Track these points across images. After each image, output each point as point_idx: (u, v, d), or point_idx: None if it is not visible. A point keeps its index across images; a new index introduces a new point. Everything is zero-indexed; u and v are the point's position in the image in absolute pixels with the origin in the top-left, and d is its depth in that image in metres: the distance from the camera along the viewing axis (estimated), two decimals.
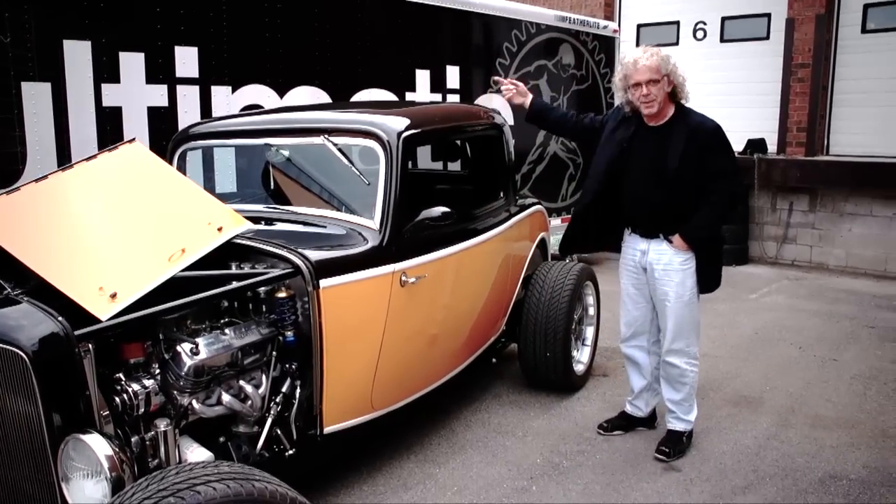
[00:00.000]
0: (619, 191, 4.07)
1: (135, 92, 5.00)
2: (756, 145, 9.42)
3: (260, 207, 4.08)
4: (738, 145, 9.16)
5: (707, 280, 4.06)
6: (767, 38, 9.82)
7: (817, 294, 7.90)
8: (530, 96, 4.45)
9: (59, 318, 2.49)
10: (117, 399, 2.72)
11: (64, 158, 4.59)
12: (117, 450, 2.46)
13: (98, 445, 2.42)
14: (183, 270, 2.94)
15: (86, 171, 3.36)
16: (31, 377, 2.41)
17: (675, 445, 4.15)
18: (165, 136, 4.84)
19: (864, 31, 9.13)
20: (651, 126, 3.94)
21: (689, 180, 3.86)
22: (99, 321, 2.60)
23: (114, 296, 2.68)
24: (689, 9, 10.45)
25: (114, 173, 3.38)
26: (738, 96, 9.96)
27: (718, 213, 3.97)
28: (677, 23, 10.61)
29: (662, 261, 4.01)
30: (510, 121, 7.51)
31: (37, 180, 3.29)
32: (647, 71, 3.80)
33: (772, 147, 9.61)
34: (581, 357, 5.16)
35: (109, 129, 4.87)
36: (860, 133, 9.24)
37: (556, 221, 8.30)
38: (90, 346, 2.56)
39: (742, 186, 4.19)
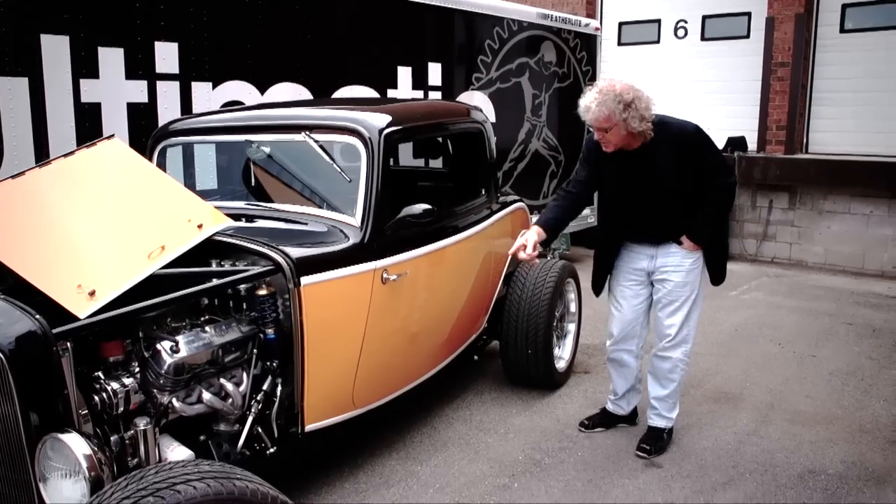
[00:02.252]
0: (618, 212, 4.04)
1: (114, 88, 4.95)
2: (736, 143, 9.48)
3: (241, 204, 4.06)
4: (718, 143, 9.25)
5: (718, 272, 4.09)
6: (748, 36, 9.88)
7: (796, 291, 7.97)
8: (536, 233, 3.99)
9: (37, 317, 2.46)
10: (96, 398, 2.70)
11: (42, 155, 4.54)
12: (96, 449, 2.44)
13: (76, 445, 2.39)
14: (163, 268, 2.92)
15: (64, 167, 3.32)
16: (8, 376, 2.38)
17: (656, 442, 4.17)
18: (145, 132, 4.80)
19: (842, 30, 9.21)
20: (630, 151, 3.83)
21: (685, 186, 3.85)
22: (77, 319, 2.58)
23: (92, 293, 2.66)
24: (671, 7, 10.50)
25: (92, 170, 3.34)
26: (718, 94, 10.02)
27: (721, 208, 3.99)
28: (658, 21, 10.65)
29: (673, 262, 3.98)
30: (492, 118, 7.53)
31: (13, 176, 3.25)
32: (597, 121, 3.70)
33: (752, 145, 9.68)
34: (563, 354, 5.17)
35: (88, 126, 4.82)
36: (839, 131, 9.33)
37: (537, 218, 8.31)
38: (68, 344, 2.53)
39: (735, 176, 4.14)
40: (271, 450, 3.28)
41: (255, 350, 3.25)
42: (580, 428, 4.44)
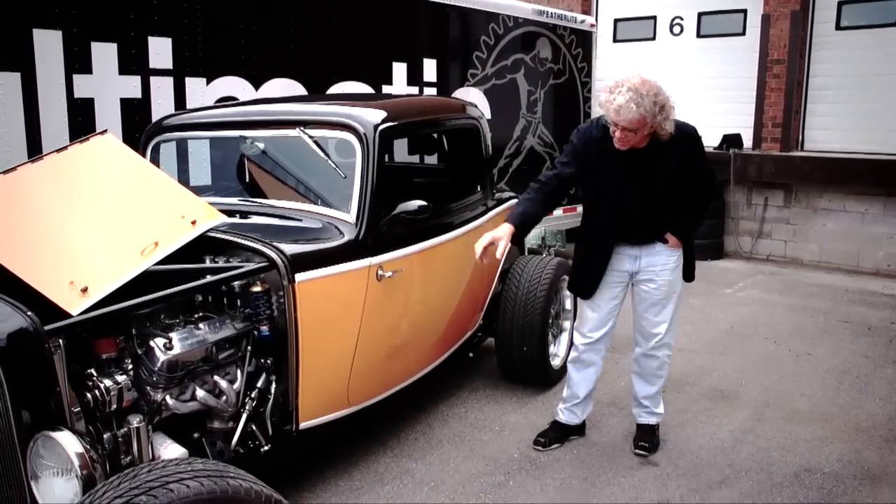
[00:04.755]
0: (610, 211, 3.89)
1: (107, 83, 4.91)
2: (731, 141, 9.47)
3: (235, 200, 4.04)
4: (713, 140, 9.27)
5: (690, 270, 4.03)
6: (743, 33, 9.87)
7: (792, 289, 7.97)
8: (505, 231, 3.72)
9: (29, 313, 2.44)
10: (89, 395, 2.68)
11: (34, 150, 4.50)
12: (88, 447, 2.42)
13: (68, 443, 2.37)
14: (156, 264, 2.90)
15: (56, 163, 3.30)
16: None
17: (652, 439, 4.17)
18: (139, 128, 4.76)
19: (838, 27, 9.20)
20: (637, 149, 3.69)
21: (681, 186, 3.81)
22: (70, 316, 2.56)
23: (85, 290, 2.64)
24: (666, 4, 10.48)
25: (85, 165, 3.32)
26: (714, 91, 10.01)
27: (706, 207, 4.08)
28: (654, 18, 10.63)
29: (659, 262, 3.92)
30: (488, 114, 7.50)
31: (5, 172, 3.23)
32: (630, 122, 3.49)
33: (747, 142, 9.67)
34: (558, 351, 5.15)
35: (81, 121, 4.78)
36: (834, 129, 9.33)
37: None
38: (61, 341, 2.51)
39: (711, 168, 4.11)
40: (265, 447, 3.27)
41: (249, 347, 3.23)
42: (536, 448, 4.18)
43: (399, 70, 6.92)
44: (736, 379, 5.23)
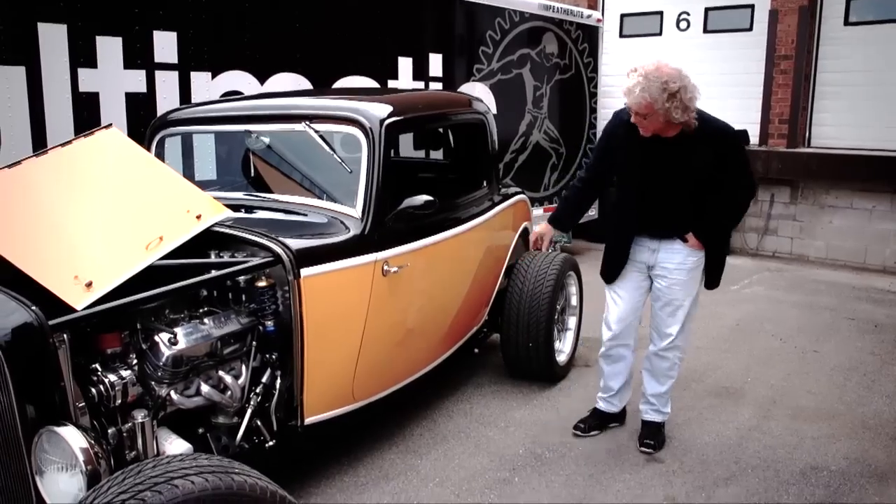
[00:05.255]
0: (633, 199, 3.93)
1: (112, 77, 4.90)
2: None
3: (240, 195, 4.03)
4: None
5: (713, 276, 4.03)
6: (751, 29, 9.81)
7: (798, 286, 7.94)
8: (548, 230, 4.34)
9: (33, 308, 2.43)
10: (93, 390, 2.67)
11: (39, 145, 4.49)
12: (93, 442, 2.41)
13: (73, 438, 2.36)
14: (161, 259, 2.88)
15: (61, 157, 3.29)
16: (4, 368, 2.35)
17: (657, 437, 4.16)
18: (144, 122, 4.76)
19: (846, 23, 9.14)
20: (665, 137, 3.72)
21: (709, 186, 3.78)
22: (74, 311, 2.55)
23: (89, 285, 2.63)
24: None
25: (90, 159, 3.30)
26: (720, 87, 9.93)
27: (738, 210, 3.99)
28: (661, 13, 10.57)
29: (675, 260, 3.90)
30: (493, 109, 7.48)
31: (9, 166, 3.22)
32: (637, 105, 3.58)
33: (754, 139, 9.61)
34: (563, 347, 5.14)
35: (86, 115, 4.77)
36: (842, 125, 9.27)
37: (538, 211, 8.28)
38: (65, 336, 2.51)
39: (755, 180, 4.10)
40: (270, 443, 3.26)
41: (254, 342, 3.23)
42: (575, 433, 4.28)
43: (405, 65, 6.90)
44: (742, 376, 5.21)
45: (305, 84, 6.02)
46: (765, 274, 8.53)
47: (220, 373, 3.10)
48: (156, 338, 2.85)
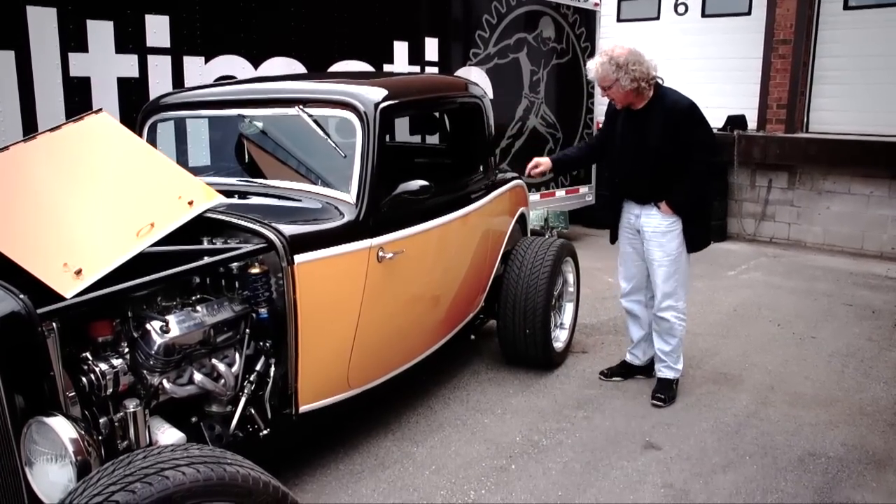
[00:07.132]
0: (613, 166, 4.53)
1: (104, 62, 4.84)
2: (736, 122, 9.38)
3: (233, 181, 3.98)
4: (718, 122, 9.17)
5: (693, 240, 4.41)
6: (749, 13, 9.75)
7: (795, 271, 7.92)
8: (547, 161, 4.75)
9: (21, 296, 2.38)
10: (84, 379, 2.63)
11: (29, 130, 4.44)
12: (83, 432, 2.36)
13: (62, 428, 2.32)
14: (152, 246, 2.84)
15: (50, 142, 3.23)
16: None
17: (668, 391, 4.50)
18: (136, 107, 4.69)
19: (846, 7, 9.08)
20: (634, 110, 4.28)
21: (669, 155, 4.20)
22: (63, 299, 2.51)
23: (79, 272, 2.59)
24: None
25: (79, 145, 3.25)
26: (718, 72, 9.90)
27: (696, 181, 4.31)
28: None
29: (652, 224, 4.37)
30: (490, 94, 7.42)
31: None
32: (598, 79, 4.21)
33: (752, 124, 9.58)
34: (560, 334, 5.11)
35: (77, 100, 4.71)
36: (840, 110, 9.23)
37: (535, 196, 8.24)
38: (54, 324, 2.46)
39: (717, 156, 4.69)
40: (264, 431, 3.23)
41: (247, 330, 3.19)
42: (600, 377, 4.82)
43: (400, 49, 6.84)
44: (740, 362, 5.19)
45: (300, 68, 5.96)
46: (762, 259, 8.51)
47: (213, 361, 3.06)
48: (147, 326, 2.81)
